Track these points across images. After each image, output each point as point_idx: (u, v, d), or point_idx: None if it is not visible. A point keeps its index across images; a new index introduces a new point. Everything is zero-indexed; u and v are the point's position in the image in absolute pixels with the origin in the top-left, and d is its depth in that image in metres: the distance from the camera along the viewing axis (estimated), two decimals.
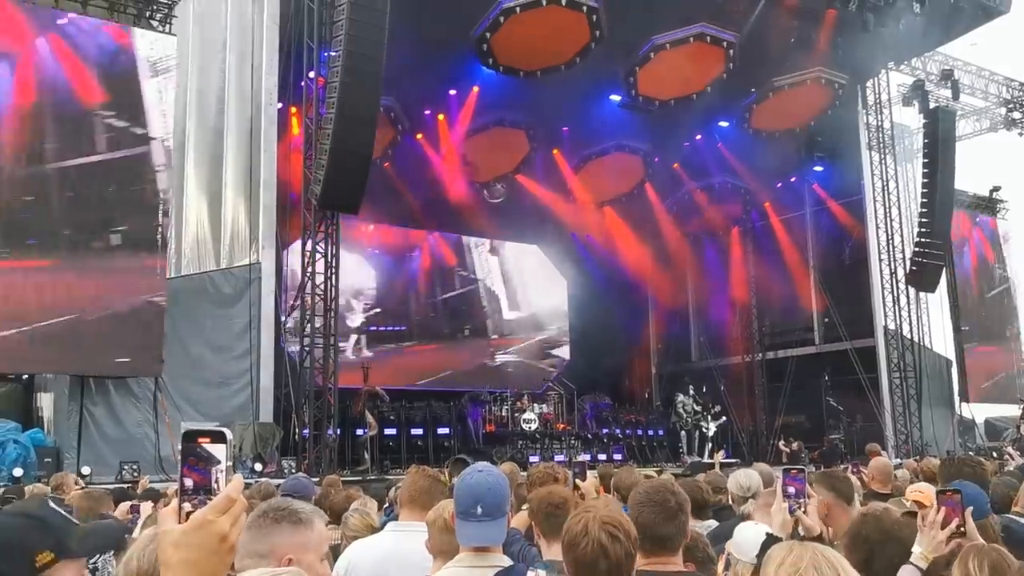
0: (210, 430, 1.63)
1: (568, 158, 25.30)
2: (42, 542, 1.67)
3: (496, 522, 2.92)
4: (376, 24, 14.47)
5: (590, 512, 2.63)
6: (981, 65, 26.90)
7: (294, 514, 2.30)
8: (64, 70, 14.67)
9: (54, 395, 15.48)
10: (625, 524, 2.63)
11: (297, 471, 13.91)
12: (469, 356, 26.92)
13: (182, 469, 1.60)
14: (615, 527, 2.57)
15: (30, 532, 1.72)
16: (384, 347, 25.10)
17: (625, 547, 2.56)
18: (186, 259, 16.08)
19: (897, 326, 22.42)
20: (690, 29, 19.82)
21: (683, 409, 23.51)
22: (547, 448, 21.22)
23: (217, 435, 1.61)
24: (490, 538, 2.92)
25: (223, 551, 1.55)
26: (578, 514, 2.66)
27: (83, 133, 14.81)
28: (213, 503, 1.55)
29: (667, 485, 3.17)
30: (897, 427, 21.83)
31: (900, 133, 24.27)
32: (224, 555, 1.55)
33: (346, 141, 14.73)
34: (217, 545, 1.54)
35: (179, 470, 1.60)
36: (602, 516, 2.60)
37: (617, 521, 2.60)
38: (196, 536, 1.53)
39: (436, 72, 20.56)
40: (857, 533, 3.42)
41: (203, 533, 1.53)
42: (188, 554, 1.52)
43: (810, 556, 2.13)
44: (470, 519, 2.93)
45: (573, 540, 2.58)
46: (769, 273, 26.27)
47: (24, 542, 1.70)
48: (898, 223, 22.86)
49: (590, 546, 2.54)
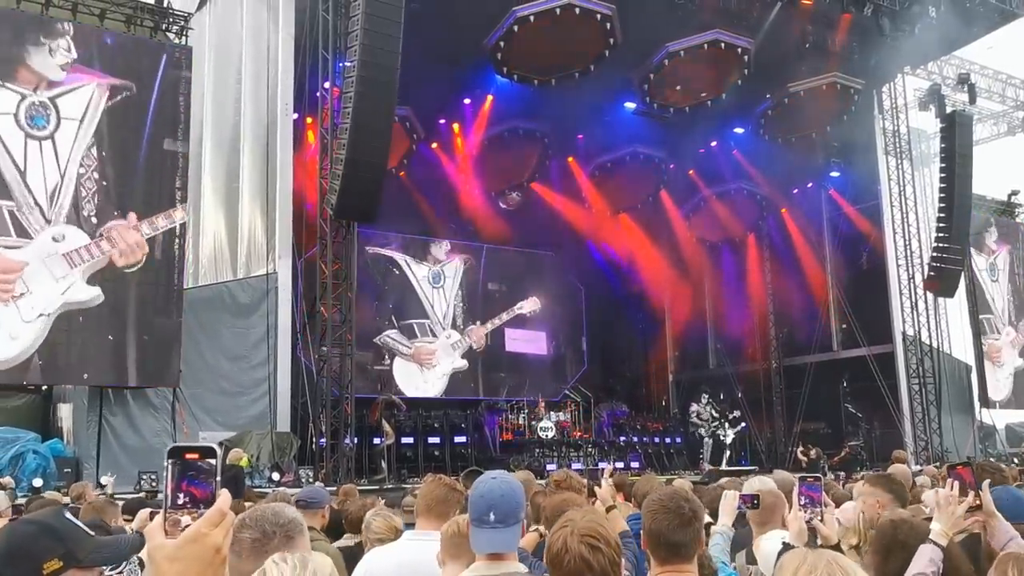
0: (198, 446, 1.67)
1: (583, 166, 25.32)
2: (51, 550, 1.69)
3: (509, 529, 2.91)
4: (391, 34, 14.52)
5: (567, 527, 2.60)
6: (998, 69, 26.80)
7: (297, 524, 2.36)
8: None
9: (73, 406, 15.57)
10: (604, 532, 2.60)
11: (314, 480, 13.96)
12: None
13: (180, 484, 1.63)
14: (594, 537, 2.55)
15: (39, 540, 1.74)
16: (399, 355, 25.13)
17: (608, 555, 2.54)
18: (203, 269, 16.17)
19: (916, 331, 22.28)
20: (705, 36, 19.80)
21: (699, 417, 23.43)
22: (564, 456, 21.18)
23: (207, 450, 1.65)
24: (503, 545, 2.91)
25: (217, 563, 1.58)
26: (556, 530, 2.64)
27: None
28: (207, 516, 1.58)
29: (681, 492, 3.15)
30: (916, 433, 21.67)
31: (917, 138, 24.18)
32: (218, 567, 1.58)
33: (361, 151, 14.77)
34: (212, 557, 1.57)
35: (166, 485, 1.64)
36: (580, 529, 2.57)
37: (595, 531, 2.57)
38: (192, 549, 1.55)
39: (450, 81, 20.65)
40: (885, 537, 3.42)
41: (198, 546, 1.56)
42: (184, 567, 1.55)
43: (824, 565, 2.12)
44: (483, 526, 2.92)
45: (555, 558, 2.56)
46: (786, 279, 26.15)
47: (32, 550, 1.72)
48: (915, 228, 22.74)
49: (572, 562, 2.51)
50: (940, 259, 21.41)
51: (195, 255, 16.05)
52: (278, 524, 2.27)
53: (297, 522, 2.34)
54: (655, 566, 2.93)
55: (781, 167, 24.29)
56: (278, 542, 2.24)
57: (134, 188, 15.13)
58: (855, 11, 19.77)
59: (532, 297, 27.43)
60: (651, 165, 25.41)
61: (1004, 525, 3.36)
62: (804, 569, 2.13)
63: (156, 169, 15.28)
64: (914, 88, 23.88)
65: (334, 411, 15.45)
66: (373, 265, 24.26)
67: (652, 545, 2.96)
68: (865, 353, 23.26)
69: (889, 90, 23.10)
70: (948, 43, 21.90)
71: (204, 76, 16.45)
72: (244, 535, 2.26)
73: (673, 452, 24.33)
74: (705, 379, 26.86)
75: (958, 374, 23.91)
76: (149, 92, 15.36)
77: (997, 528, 3.36)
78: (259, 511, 2.34)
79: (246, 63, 16.81)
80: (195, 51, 16.07)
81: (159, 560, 1.56)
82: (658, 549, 2.93)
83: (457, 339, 26.07)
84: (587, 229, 27.16)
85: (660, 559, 2.93)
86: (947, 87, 23.72)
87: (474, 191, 24.92)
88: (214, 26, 16.96)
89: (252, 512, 2.34)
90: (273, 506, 2.43)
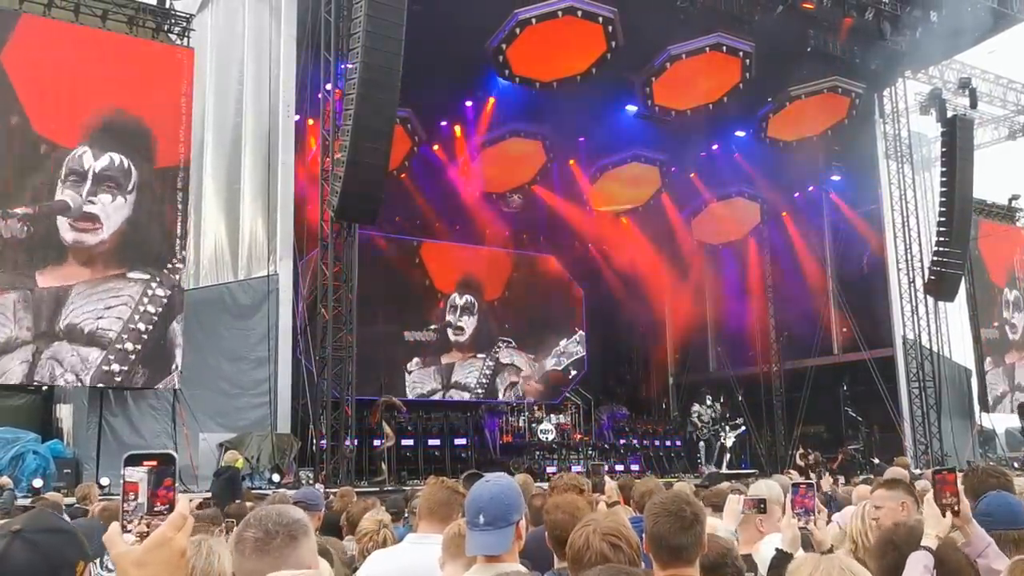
0: (156, 453, 1.73)
1: (584, 168, 25.31)
2: (80, 552, 1.73)
3: (499, 531, 2.92)
4: (393, 36, 14.53)
5: (590, 525, 2.63)
6: (999, 73, 26.80)
7: (302, 525, 2.37)
8: None
9: (73, 407, 15.56)
10: (626, 533, 2.63)
11: (315, 482, 13.96)
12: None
13: (157, 491, 1.68)
14: (616, 537, 2.58)
15: (68, 546, 1.78)
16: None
17: (628, 555, 2.57)
18: (204, 270, 16.16)
19: (916, 336, 22.28)
20: (706, 39, 19.80)
21: (700, 419, 23.44)
22: (564, 458, 21.20)
23: (167, 457, 1.71)
24: (490, 547, 2.92)
25: (182, 566, 1.63)
26: (579, 528, 2.66)
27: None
28: (170, 520, 1.64)
29: (682, 495, 3.16)
30: (916, 437, 21.67)
31: (918, 142, 24.17)
32: (182, 570, 1.63)
33: (363, 153, 14.77)
34: (178, 560, 1.62)
35: (123, 491, 1.68)
36: (602, 528, 2.60)
37: (618, 531, 2.60)
38: (159, 554, 1.60)
39: (452, 83, 20.65)
40: (886, 541, 3.44)
41: (166, 550, 1.61)
42: (153, 572, 1.59)
43: (837, 571, 2.15)
44: (474, 529, 2.95)
45: (577, 554, 2.59)
46: (787, 283, 26.16)
47: (69, 557, 1.76)
48: (916, 232, 22.73)
49: (593, 559, 2.54)
50: (941, 263, 21.40)
51: (196, 256, 16.05)
52: (282, 524, 2.29)
53: (302, 523, 2.35)
54: (657, 569, 2.93)
55: (782, 171, 24.32)
56: (280, 541, 2.26)
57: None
58: (856, 15, 19.79)
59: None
60: (652, 168, 25.33)
61: (980, 532, 3.39)
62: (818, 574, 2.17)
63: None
64: (915, 92, 23.87)
65: (334, 413, 15.45)
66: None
67: (654, 548, 2.96)
68: (865, 357, 23.27)
69: (890, 94, 23.12)
70: (949, 47, 21.89)
71: (206, 77, 16.46)
72: (248, 534, 2.28)
73: (673, 455, 24.33)
74: (705, 382, 26.84)
75: (958, 378, 23.90)
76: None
77: (973, 535, 3.39)
78: (264, 511, 2.36)
79: (248, 64, 16.81)
80: (196, 52, 16.08)
81: (126, 566, 1.60)
82: (660, 552, 2.93)
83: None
84: (588, 232, 27.18)
85: (662, 562, 2.93)
86: (948, 91, 23.70)
87: (475, 193, 24.93)
88: (216, 27, 16.97)
89: (257, 512, 2.37)
90: (279, 507, 2.45)
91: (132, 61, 15.33)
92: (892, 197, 22.85)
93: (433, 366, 25.77)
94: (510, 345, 27.21)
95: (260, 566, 2.22)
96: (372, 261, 20.86)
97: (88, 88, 14.79)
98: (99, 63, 14.93)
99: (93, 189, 14.58)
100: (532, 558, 3.56)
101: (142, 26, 15.81)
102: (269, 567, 2.22)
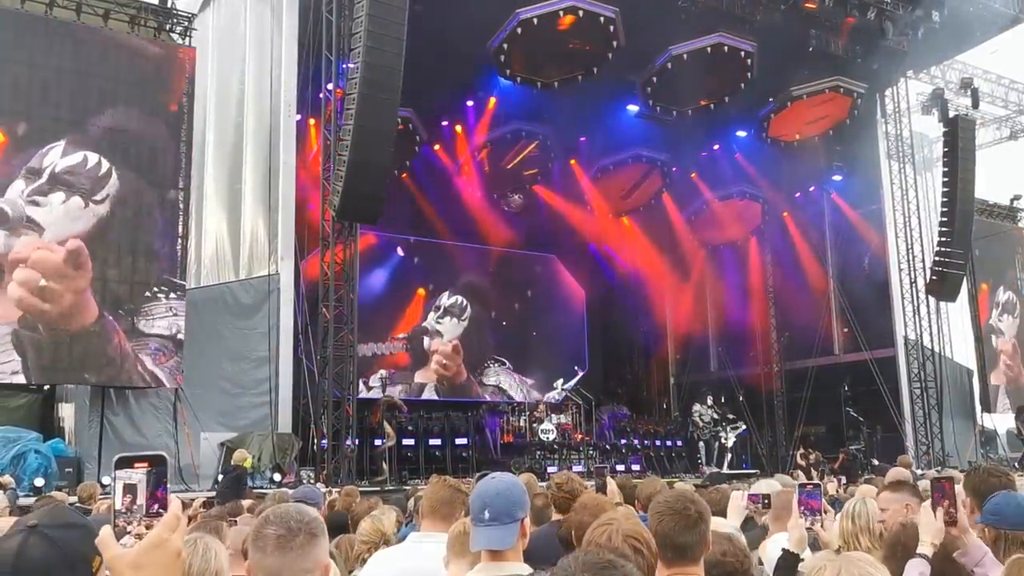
0: (147, 455, 1.74)
1: (585, 168, 25.30)
2: (95, 548, 1.73)
3: (504, 527, 2.93)
4: (394, 36, 14.53)
5: (612, 524, 2.63)
6: (1001, 73, 26.78)
7: (319, 523, 2.41)
8: None
9: (75, 406, 15.59)
10: (647, 537, 2.63)
11: (316, 481, 13.97)
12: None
13: (155, 492, 1.68)
14: (638, 540, 2.58)
15: (84, 541, 1.78)
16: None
17: (648, 560, 2.57)
18: (205, 270, 16.19)
19: (917, 336, 22.27)
20: (708, 39, 19.76)
21: (701, 419, 23.44)
22: (565, 458, 21.18)
23: (159, 459, 1.72)
24: (497, 542, 2.93)
25: (177, 567, 1.63)
26: (601, 525, 2.66)
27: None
28: (165, 521, 1.64)
29: (687, 494, 3.15)
30: (918, 438, 21.66)
31: (919, 142, 24.15)
32: (178, 571, 1.63)
33: (364, 153, 14.76)
34: (173, 561, 1.62)
35: (115, 492, 1.69)
36: (625, 529, 2.60)
37: (639, 534, 2.60)
38: (155, 555, 1.60)
39: (454, 83, 20.67)
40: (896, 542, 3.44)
41: (161, 551, 1.61)
42: (149, 573, 1.59)
43: (858, 570, 2.18)
44: (479, 524, 2.95)
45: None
46: (788, 283, 26.14)
47: (85, 552, 1.76)
48: (918, 232, 22.72)
49: None
50: (942, 263, 21.39)
51: (197, 256, 16.06)
52: (303, 522, 2.34)
53: (319, 522, 2.41)
54: (661, 568, 2.93)
55: (783, 170, 24.32)
56: (302, 539, 2.31)
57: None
58: (858, 15, 19.77)
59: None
60: (654, 168, 25.37)
61: (977, 541, 3.38)
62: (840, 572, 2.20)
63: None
64: (917, 92, 23.82)
65: (335, 412, 15.46)
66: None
67: (659, 547, 2.96)
68: (867, 357, 23.23)
69: (892, 94, 23.10)
70: (951, 47, 21.91)
71: (207, 77, 16.47)
72: (269, 531, 2.31)
73: (674, 455, 24.30)
74: (706, 382, 26.83)
75: (960, 378, 23.88)
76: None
77: (970, 544, 3.38)
78: (282, 509, 2.41)
79: (249, 64, 16.83)
80: (198, 52, 16.09)
81: (121, 568, 1.60)
82: (664, 551, 2.93)
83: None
84: (589, 231, 27.18)
85: (667, 561, 2.93)
86: (950, 91, 23.67)
87: (476, 193, 24.93)
88: (217, 27, 16.99)
89: (275, 510, 2.41)
90: (296, 505, 2.51)
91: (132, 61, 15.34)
92: (893, 197, 22.83)
93: (400, 384, 24.17)
94: (504, 366, 27.02)
95: (283, 562, 2.27)
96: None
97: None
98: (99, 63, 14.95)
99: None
100: (536, 558, 3.55)
101: (144, 25, 15.82)
102: (291, 563, 2.27)
